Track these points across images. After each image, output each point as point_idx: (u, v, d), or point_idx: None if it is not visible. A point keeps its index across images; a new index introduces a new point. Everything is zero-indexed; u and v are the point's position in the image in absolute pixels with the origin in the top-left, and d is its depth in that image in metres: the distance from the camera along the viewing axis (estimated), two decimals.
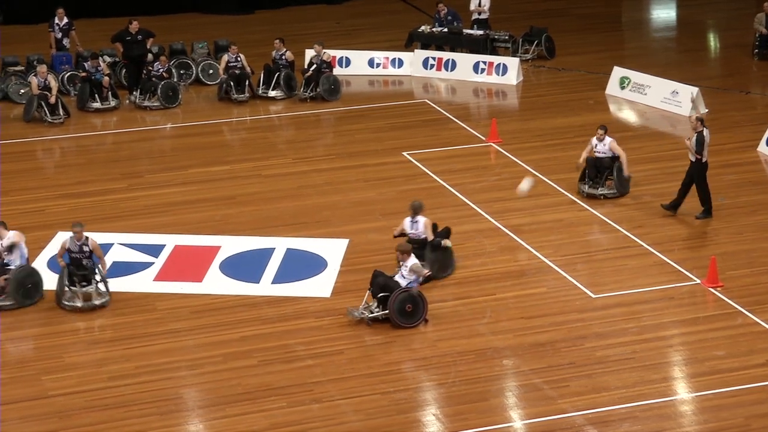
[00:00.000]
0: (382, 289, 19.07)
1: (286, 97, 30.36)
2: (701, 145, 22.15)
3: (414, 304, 18.96)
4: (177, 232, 22.28)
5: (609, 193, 23.37)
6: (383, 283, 19.11)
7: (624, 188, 23.53)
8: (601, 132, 23.48)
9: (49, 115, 28.61)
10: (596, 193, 23.38)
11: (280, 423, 16.28)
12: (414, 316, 18.96)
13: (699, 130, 22.23)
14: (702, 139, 22.17)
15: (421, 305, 19.02)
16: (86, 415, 16.43)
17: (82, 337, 18.66)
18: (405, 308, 18.90)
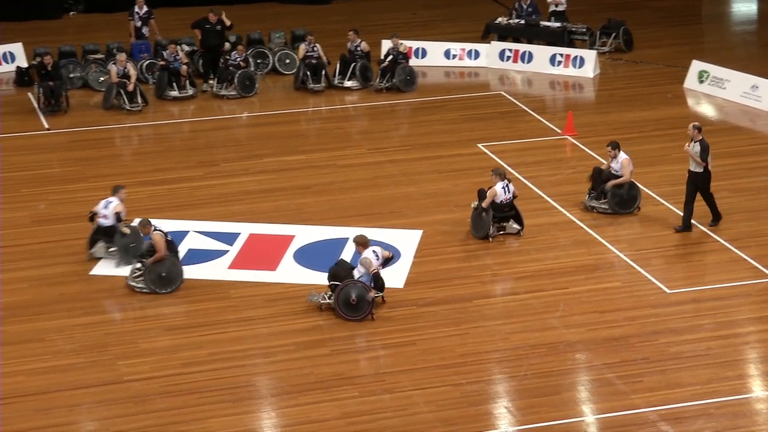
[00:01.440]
0: (333, 278, 19.15)
1: (361, 88, 30.43)
2: (706, 152, 21.28)
3: (359, 297, 18.81)
4: (252, 221, 22.41)
5: (601, 208, 22.38)
6: (335, 272, 19.19)
7: (619, 208, 22.25)
8: (609, 149, 22.34)
9: (127, 102, 28.90)
10: (591, 204, 22.42)
11: (352, 412, 16.32)
12: (358, 310, 18.78)
13: (698, 139, 21.34)
14: (706, 147, 21.32)
15: (367, 300, 18.85)
16: (161, 400, 16.59)
17: (157, 323, 18.83)
18: (349, 300, 18.79)
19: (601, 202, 22.35)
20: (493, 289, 19.96)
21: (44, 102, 28.97)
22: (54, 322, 18.78)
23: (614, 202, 22.27)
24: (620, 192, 22.30)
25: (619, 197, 22.30)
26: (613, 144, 22.36)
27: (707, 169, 21.42)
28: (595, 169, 22.65)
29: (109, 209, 20.98)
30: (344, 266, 19.38)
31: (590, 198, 22.56)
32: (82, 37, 33.65)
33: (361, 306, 18.80)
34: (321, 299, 19.16)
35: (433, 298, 19.56)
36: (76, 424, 16.11)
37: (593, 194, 22.56)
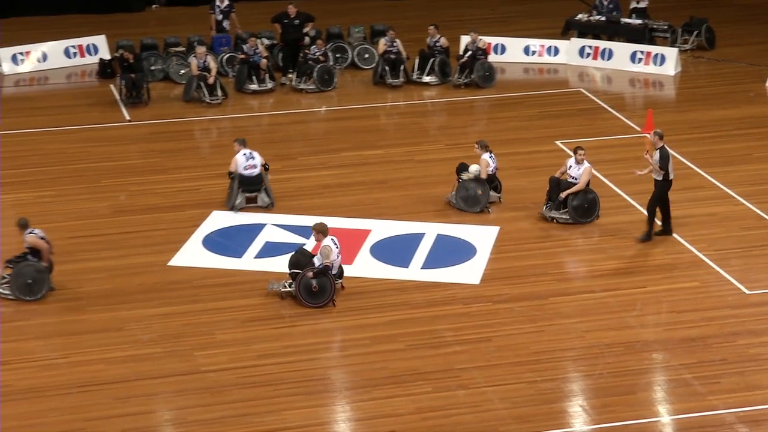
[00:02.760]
0: (295, 266, 19.20)
1: (440, 83, 30.39)
2: (666, 160, 20.83)
3: (321, 285, 18.88)
4: (329, 215, 22.46)
5: (562, 218, 21.80)
6: (295, 260, 19.27)
7: (579, 217, 21.74)
8: (581, 154, 21.78)
9: (207, 95, 29.12)
10: (550, 215, 21.83)
11: (426, 408, 16.33)
12: (319, 297, 18.97)
13: (659, 146, 20.95)
14: (666, 155, 20.89)
15: (328, 287, 18.91)
16: (236, 391, 16.71)
17: (233, 315, 18.95)
18: (311, 288, 18.89)
19: (562, 212, 21.72)
20: (570, 286, 19.85)
21: (126, 94, 29.27)
22: (132, 312, 18.98)
23: (574, 212, 21.66)
24: (580, 200, 21.69)
25: (580, 207, 21.68)
26: (578, 149, 21.88)
27: (667, 178, 20.91)
28: (552, 179, 21.94)
29: (257, 159, 22.42)
30: (305, 254, 19.50)
31: (548, 208, 21.88)
32: (164, 30, 33.94)
33: (322, 292, 18.96)
34: (281, 287, 19.32)
35: (508, 294, 19.50)
36: (153, 413, 16.28)
37: (550, 204, 21.88)
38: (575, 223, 21.61)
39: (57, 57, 32.31)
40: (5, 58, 31.86)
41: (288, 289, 19.30)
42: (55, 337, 18.17)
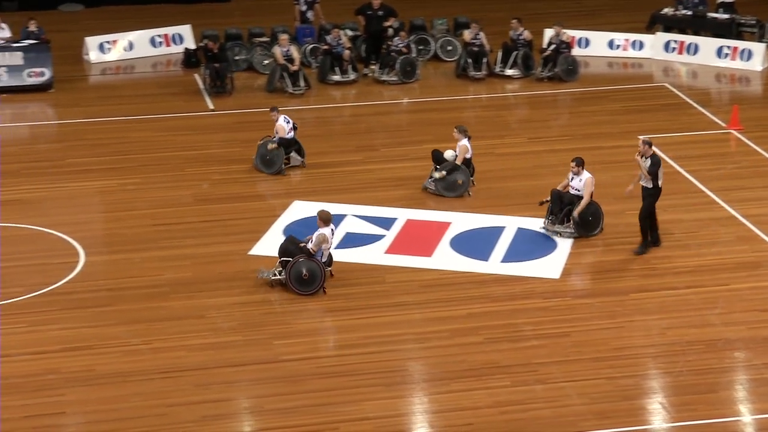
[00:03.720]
0: (284, 254, 19.23)
1: (523, 76, 30.29)
2: (657, 166, 20.18)
3: (311, 272, 18.94)
4: (409, 207, 22.52)
5: (566, 232, 21.04)
6: (285, 248, 19.33)
7: (583, 230, 21.00)
8: (573, 165, 20.95)
9: (290, 86, 29.27)
10: (554, 229, 21.11)
11: (503, 401, 16.30)
12: (310, 285, 19.03)
13: (650, 154, 20.31)
14: (658, 161, 20.28)
15: (319, 275, 19.01)
16: (315, 381, 16.79)
17: (313, 305, 19.04)
18: (301, 275, 18.95)
19: (565, 226, 21.01)
20: (651, 283, 19.68)
21: (210, 83, 29.51)
22: (213, 300, 19.14)
23: (578, 225, 20.94)
24: (584, 214, 20.98)
25: (583, 220, 20.97)
26: (577, 160, 20.95)
27: (657, 186, 20.40)
28: (554, 192, 21.19)
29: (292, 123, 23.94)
30: (295, 242, 19.55)
31: (550, 221, 21.20)
32: (249, 20, 34.17)
33: (313, 280, 19.01)
34: (271, 275, 19.41)
35: (589, 289, 19.41)
36: (232, 401, 16.41)
37: (553, 218, 21.17)
38: (580, 236, 20.88)
39: (143, 46, 32.67)
40: (92, 46, 32.28)
41: (278, 277, 19.41)
42: (137, 323, 18.38)
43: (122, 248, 20.94)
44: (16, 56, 29.44)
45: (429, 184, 23.14)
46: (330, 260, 19.64)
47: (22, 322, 18.39)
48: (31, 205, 22.74)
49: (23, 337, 17.97)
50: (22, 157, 24.98)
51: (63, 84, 30.03)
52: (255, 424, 15.99)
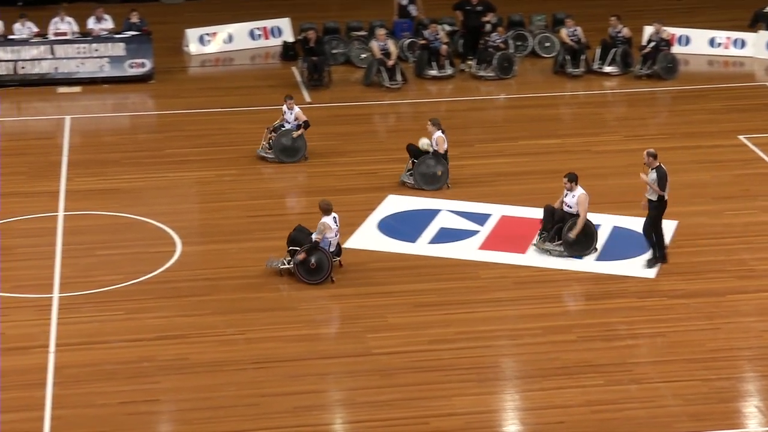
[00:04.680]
0: (292, 243, 19.39)
1: (621, 74, 30.04)
2: (664, 180, 19.71)
3: (318, 262, 19.07)
4: (503, 203, 22.44)
5: (555, 251, 20.18)
6: (294, 237, 19.37)
7: (574, 250, 20.13)
8: (566, 181, 20.08)
9: (387, 80, 29.32)
10: (543, 247, 20.26)
11: (596, 401, 16.18)
12: (317, 274, 19.18)
13: (655, 166, 19.84)
14: (664, 174, 19.76)
15: (326, 263, 19.11)
16: (407, 375, 16.80)
17: (406, 299, 19.06)
18: (309, 265, 19.06)
19: (555, 244, 20.16)
20: (749, 284, 19.41)
21: (307, 76, 29.67)
22: (307, 292, 19.23)
23: (569, 245, 20.11)
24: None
25: (575, 239, 20.09)
26: (570, 176, 20.10)
27: (663, 199, 19.90)
28: (547, 208, 20.40)
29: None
30: (303, 232, 19.61)
31: (541, 239, 20.36)
32: (347, 14, 34.29)
33: (320, 269, 19.14)
34: (280, 264, 19.45)
35: (685, 290, 19.19)
36: (324, 393, 16.49)
37: (545, 235, 20.32)
38: (570, 256, 20.05)
39: (242, 39, 32.95)
40: (193, 38, 32.63)
41: (286, 266, 19.48)
42: (232, 314, 18.54)
43: (218, 239, 21.14)
44: (118, 47, 29.86)
45: (407, 178, 23.17)
46: (338, 250, 19.76)
47: (119, 309, 18.66)
48: (130, 194, 23.06)
49: (120, 324, 18.24)
50: (122, 146, 25.32)
51: (163, 75, 30.40)
52: (346, 416, 16.06)
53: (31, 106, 28.67)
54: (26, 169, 24.34)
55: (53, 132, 26.69)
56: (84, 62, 29.78)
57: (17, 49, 29.53)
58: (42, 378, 16.64)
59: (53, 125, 27.16)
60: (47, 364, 16.99)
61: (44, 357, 17.19)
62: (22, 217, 21.96)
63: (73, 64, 29.73)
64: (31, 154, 25.29)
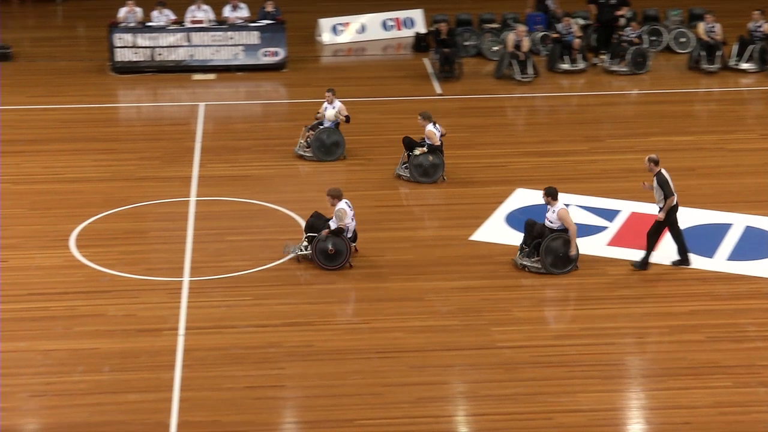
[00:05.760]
0: (310, 229, 19.61)
1: (759, 71, 29.50)
2: (666, 185, 19.13)
3: (337, 247, 19.29)
4: (633, 199, 22.21)
5: (533, 267, 19.40)
6: (312, 223, 19.67)
7: (553, 267, 19.30)
8: (544, 195, 19.30)
9: (519, 73, 29.21)
10: (521, 262, 19.49)
11: (724, 402, 15.94)
12: (336, 260, 19.38)
13: (656, 172, 19.30)
14: (664, 180, 19.19)
15: (344, 249, 19.30)
16: (530, 370, 16.75)
17: (531, 293, 18.99)
18: (327, 251, 19.26)
19: (533, 260, 19.42)
20: None
21: (439, 68, 29.70)
22: (432, 283, 19.28)
23: (548, 261, 19.31)
24: (554, 248, 19.29)
25: (554, 255, 19.34)
26: (548, 190, 19.26)
27: (673, 203, 19.32)
28: (527, 222, 19.70)
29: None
30: (321, 218, 19.67)
31: (522, 255, 19.62)
32: (480, 5, 34.24)
33: (339, 255, 19.37)
34: (298, 251, 19.66)
35: None
36: (447, 385, 16.52)
37: (526, 250, 19.57)
38: (548, 273, 19.31)
39: (374, 29, 33.13)
40: (326, 28, 32.89)
41: (304, 253, 19.58)
42: (357, 303, 18.68)
43: None
44: (253, 35, 30.25)
45: (403, 171, 23.08)
46: (355, 236, 19.83)
47: (247, 294, 18.92)
48: (261, 181, 23.35)
49: (248, 309, 18.49)
50: (253, 134, 25.64)
51: (296, 64, 30.70)
52: (469, 409, 16.07)
53: (167, 93, 29.20)
54: (161, 154, 24.81)
55: (187, 118, 27.15)
56: (219, 50, 30.22)
57: (155, 36, 30.09)
58: (171, 360, 16.96)
59: (187, 111, 27.63)
60: (176, 347, 17.32)
61: (174, 339, 17.52)
62: (155, 201, 22.39)
63: (208, 52, 30.19)
64: (165, 139, 25.77)
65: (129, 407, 15.84)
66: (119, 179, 23.42)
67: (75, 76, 30.04)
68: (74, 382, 16.44)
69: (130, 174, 23.69)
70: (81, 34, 34.77)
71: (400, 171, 23.26)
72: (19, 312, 18.30)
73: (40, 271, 19.64)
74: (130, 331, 17.78)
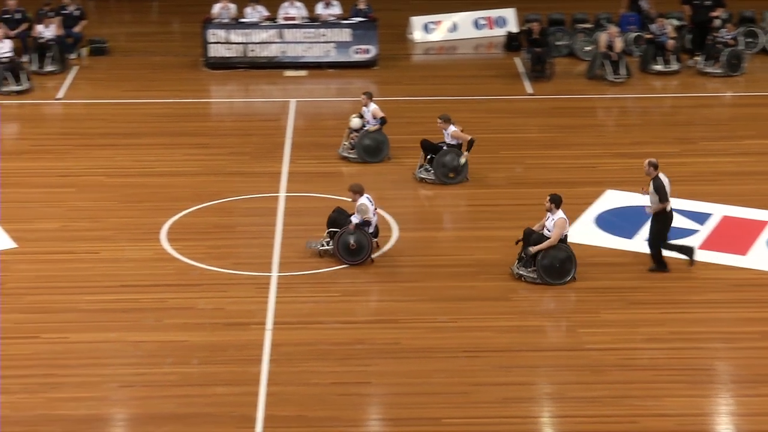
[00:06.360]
0: (332, 224, 19.72)
1: None
2: (663, 190, 18.80)
3: (359, 242, 19.35)
4: (725, 203, 21.94)
5: (528, 277, 19.02)
6: (334, 218, 19.77)
7: (548, 277, 18.91)
8: (547, 202, 18.96)
9: (611, 73, 28.99)
10: (518, 272, 19.11)
11: None
12: (358, 255, 19.47)
13: (654, 176, 18.89)
14: (661, 185, 18.82)
15: (365, 244, 19.36)
16: (618, 372, 16.62)
17: (620, 296, 18.83)
18: (349, 246, 19.35)
19: (529, 270, 19.02)
20: None
21: (530, 68, 29.58)
22: (519, 283, 19.17)
23: (543, 271, 18.94)
24: (550, 259, 18.94)
25: (549, 266, 18.96)
26: (551, 197, 18.99)
27: (666, 211, 19.01)
28: (525, 231, 19.23)
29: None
30: (343, 213, 19.63)
31: (519, 264, 19.20)
32: (573, 5, 33.98)
33: (360, 250, 19.43)
34: (320, 246, 19.75)
35: None
36: (534, 385, 16.46)
37: (525, 259, 19.13)
38: (543, 284, 18.92)
39: (466, 28, 33.08)
40: (417, 26, 32.91)
41: (326, 248, 19.58)
42: (445, 301, 18.67)
43: (434, 226, 21.33)
44: (344, 33, 30.35)
45: (423, 174, 22.93)
46: (376, 231, 19.84)
47: (335, 291, 19.01)
48: (351, 178, 23.35)
49: (335, 306, 18.57)
50: (343, 131, 25.70)
51: (387, 62, 30.75)
52: (555, 410, 16.00)
53: (259, 88, 29.41)
54: (251, 149, 24.99)
55: (278, 114, 27.32)
56: (311, 47, 30.36)
57: (247, 32, 30.31)
58: (258, 354, 17.09)
59: (278, 107, 27.81)
60: (264, 341, 17.44)
61: (261, 334, 17.65)
62: (245, 196, 22.57)
63: (300, 49, 30.36)
64: (256, 135, 25.96)
65: (216, 400, 15.99)
66: (210, 174, 23.64)
67: (168, 71, 30.37)
68: (163, 374, 16.64)
69: (221, 169, 23.90)
70: (175, 30, 35.14)
71: (421, 174, 23.08)
72: (111, 303, 18.56)
73: (132, 263, 19.90)
74: (219, 324, 17.95)
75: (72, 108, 27.83)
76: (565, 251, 19.06)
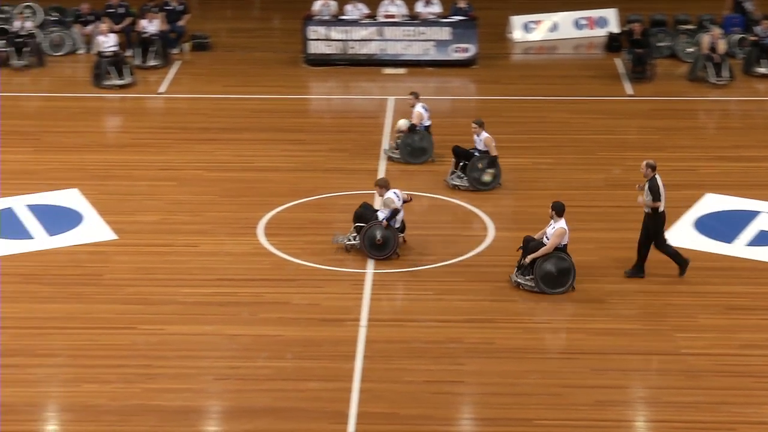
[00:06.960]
0: (359, 219, 19.86)
1: None
2: (656, 191, 18.32)
3: (384, 237, 19.46)
4: None
5: (526, 285, 18.75)
6: (360, 213, 19.91)
7: (545, 286, 18.62)
8: (550, 210, 18.72)
9: (713, 75, 28.63)
10: (516, 280, 18.85)
11: None
12: (383, 249, 19.60)
13: (650, 177, 18.42)
14: (655, 186, 18.35)
15: (391, 239, 19.55)
16: (714, 378, 16.43)
17: (717, 300, 18.60)
18: (375, 240, 19.51)
19: (528, 278, 18.75)
20: None
21: (631, 69, 29.33)
22: (615, 285, 19.05)
23: (541, 280, 18.64)
24: (548, 267, 18.66)
25: (547, 274, 18.65)
26: (554, 205, 18.73)
27: (658, 212, 18.47)
28: (525, 239, 19.01)
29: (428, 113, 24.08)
30: (369, 209, 20.05)
31: (518, 272, 18.92)
32: (675, 6, 33.64)
33: (386, 245, 19.57)
34: (346, 240, 19.92)
35: None
36: (627, 389, 16.32)
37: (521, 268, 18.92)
38: (541, 292, 18.63)
39: (567, 28, 32.90)
40: (517, 25, 32.81)
41: (353, 242, 19.67)
42: (539, 302, 18.58)
43: (530, 226, 21.12)
44: (444, 31, 30.35)
45: (456, 180, 22.66)
46: (403, 226, 19.88)
47: (430, 289, 19.02)
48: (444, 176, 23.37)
49: (430, 304, 18.58)
50: (440, 129, 25.66)
51: (486, 61, 30.69)
52: (649, 414, 15.85)
53: (358, 86, 29.52)
54: (349, 146, 25.10)
55: (376, 112, 27.40)
56: (410, 45, 30.41)
57: (347, 29, 30.44)
58: (352, 350, 17.16)
59: (377, 105, 27.89)
60: (358, 338, 17.51)
61: (355, 330, 17.73)
62: (341, 192, 22.67)
63: (399, 47, 30.42)
64: (354, 132, 26.06)
65: (309, 395, 16.09)
66: (307, 170, 23.78)
67: (269, 67, 30.62)
68: (258, 368, 16.78)
69: (318, 165, 24.04)
70: (276, 27, 35.41)
71: (454, 180, 22.84)
72: (208, 296, 18.76)
73: (230, 257, 20.10)
74: (313, 320, 18.06)
75: (173, 102, 28.18)
76: (564, 260, 18.80)
